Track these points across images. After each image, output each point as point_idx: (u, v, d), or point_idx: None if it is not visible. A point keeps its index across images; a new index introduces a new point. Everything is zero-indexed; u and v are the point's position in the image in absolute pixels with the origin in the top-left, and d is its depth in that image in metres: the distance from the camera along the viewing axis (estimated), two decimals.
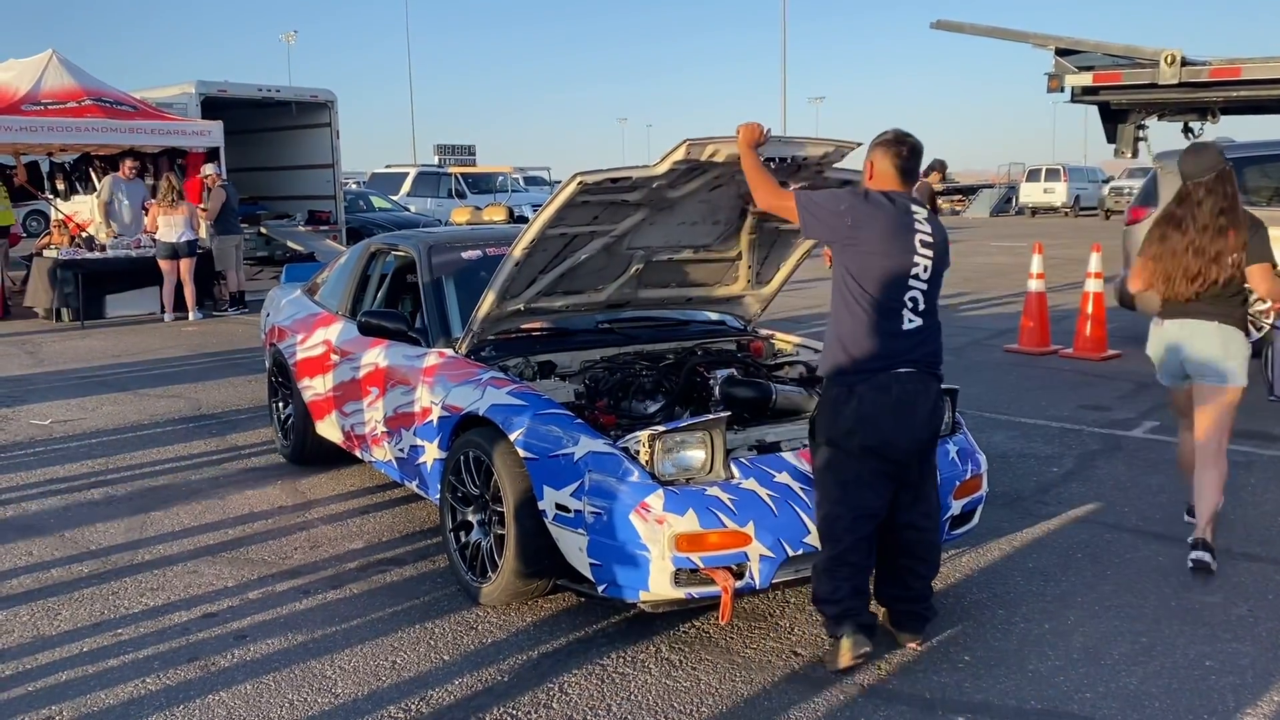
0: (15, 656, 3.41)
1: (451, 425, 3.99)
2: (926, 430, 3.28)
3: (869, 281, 3.17)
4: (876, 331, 3.16)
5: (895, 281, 3.18)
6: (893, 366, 3.18)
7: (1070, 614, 3.68)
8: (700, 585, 3.23)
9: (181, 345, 10.02)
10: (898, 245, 3.18)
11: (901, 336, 3.19)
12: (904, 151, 3.29)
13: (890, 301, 3.18)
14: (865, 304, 3.17)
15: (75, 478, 5.53)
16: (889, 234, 3.17)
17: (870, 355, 3.16)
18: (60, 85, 12.76)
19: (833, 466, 3.22)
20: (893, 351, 3.18)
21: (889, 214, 3.20)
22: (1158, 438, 6.10)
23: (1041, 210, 39.30)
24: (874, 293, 3.17)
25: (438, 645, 3.47)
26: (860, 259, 3.17)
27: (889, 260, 3.17)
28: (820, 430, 3.27)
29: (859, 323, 3.18)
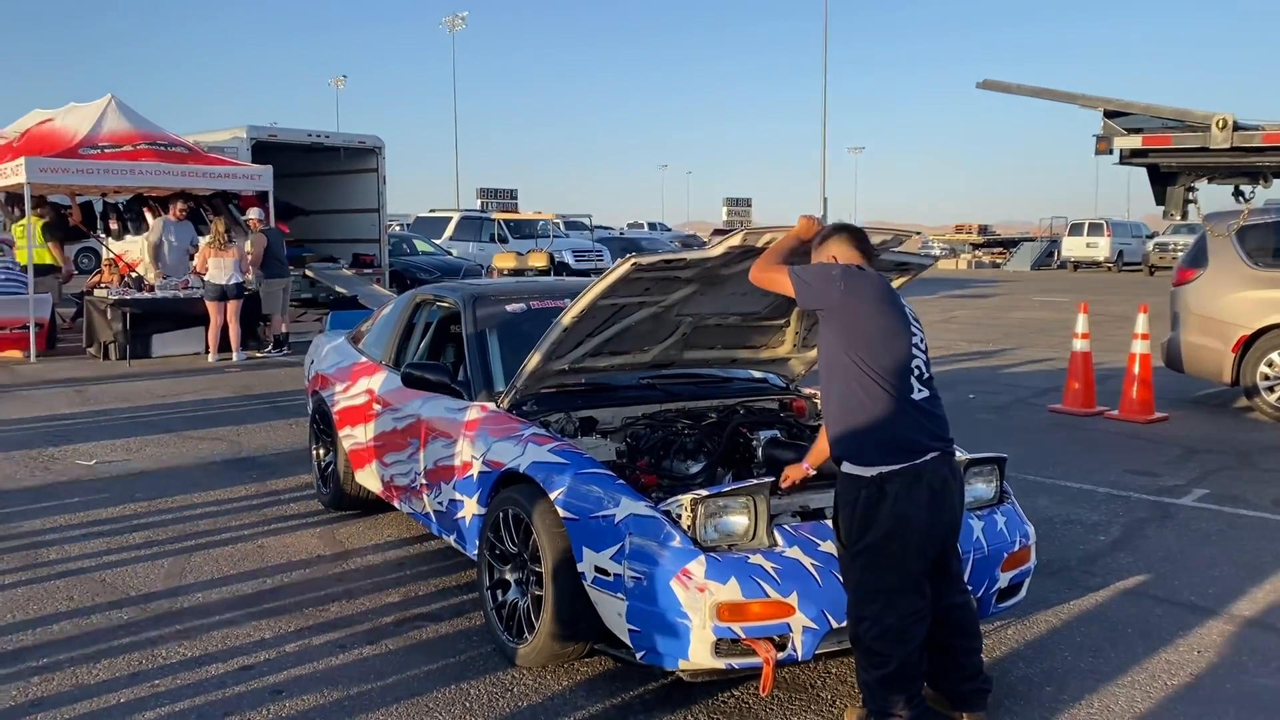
0: (54, 705, 3.42)
1: (492, 481, 3.98)
2: (958, 513, 3.18)
3: (873, 350, 3.03)
4: (891, 407, 3.01)
5: (899, 348, 3.06)
6: (917, 453, 3.02)
7: (1121, 693, 3.57)
8: (741, 656, 3.17)
9: (225, 387, 10.14)
10: (893, 311, 3.10)
11: (915, 409, 3.05)
12: (858, 235, 3.27)
13: (898, 370, 3.04)
14: (873, 376, 3.02)
15: (117, 519, 5.58)
16: (882, 299, 3.10)
17: (892, 440, 3.00)
18: (118, 129, 13.09)
19: (873, 575, 3.02)
20: (912, 432, 3.02)
21: (877, 281, 3.15)
22: (1209, 506, 5.96)
23: (1084, 264, 38.97)
24: (880, 362, 3.03)
25: (472, 708, 3.43)
26: (859, 326, 3.05)
27: (888, 326, 3.07)
28: (851, 537, 3.05)
29: (872, 398, 3.01)
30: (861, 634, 3.06)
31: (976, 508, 3.72)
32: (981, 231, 49.86)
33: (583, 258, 23.42)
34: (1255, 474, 6.79)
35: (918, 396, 3.07)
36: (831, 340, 3.11)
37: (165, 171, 12.84)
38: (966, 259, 45.49)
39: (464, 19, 60.24)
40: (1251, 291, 8.54)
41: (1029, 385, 10.52)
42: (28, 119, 14.39)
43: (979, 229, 50.13)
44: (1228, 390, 9.31)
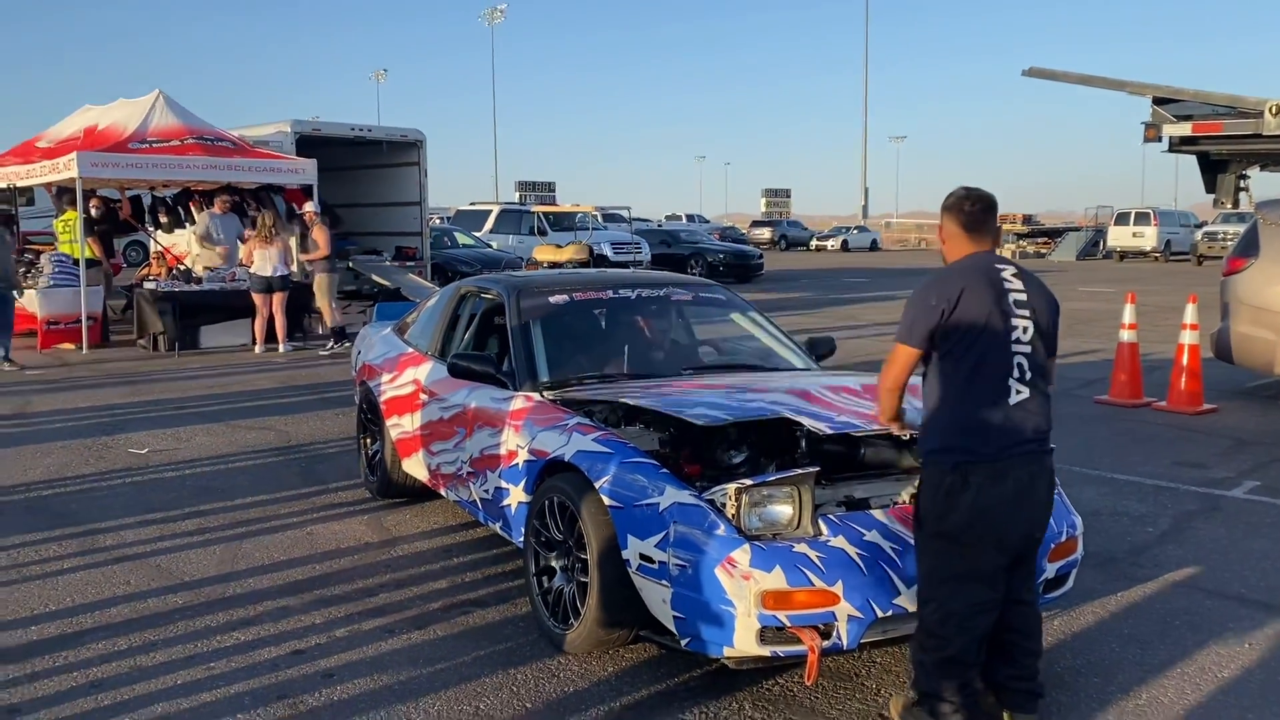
0: (113, 687, 3.51)
1: (537, 470, 4.03)
2: (1044, 513, 3.14)
3: (966, 353, 3.01)
4: (984, 408, 2.99)
5: (994, 349, 3.01)
6: (1006, 451, 2.99)
7: (1170, 684, 3.54)
8: (786, 644, 3.19)
9: (271, 378, 10.29)
10: (993, 308, 3.03)
11: (1011, 411, 3.01)
12: (967, 207, 3.17)
13: (993, 373, 3.01)
14: (966, 378, 3.01)
15: (169, 507, 5.70)
16: (982, 297, 3.03)
17: (982, 437, 2.99)
18: (166, 124, 13.31)
19: (945, 561, 3.04)
20: (1004, 431, 2.99)
21: (976, 279, 3.07)
22: (1260, 499, 5.88)
23: (1130, 254, 38.37)
24: (974, 364, 3.01)
25: (520, 692, 3.48)
26: (955, 331, 3.01)
27: (988, 325, 3.00)
28: (930, 522, 3.06)
29: (964, 399, 3.01)
30: (925, 616, 3.08)
31: None
32: (1026, 221, 49.25)
33: (621, 250, 23.44)
34: None
35: (1016, 399, 3.02)
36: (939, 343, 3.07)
37: (212, 165, 13.06)
38: (1011, 249, 44.94)
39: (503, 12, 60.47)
40: None
41: (1074, 377, 10.39)
42: (78, 115, 14.67)
43: (1023, 219, 49.52)
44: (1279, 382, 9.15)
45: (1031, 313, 3.09)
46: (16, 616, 4.13)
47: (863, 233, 54.56)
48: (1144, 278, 26.07)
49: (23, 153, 14.38)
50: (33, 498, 5.89)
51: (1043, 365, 3.10)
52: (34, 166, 13.19)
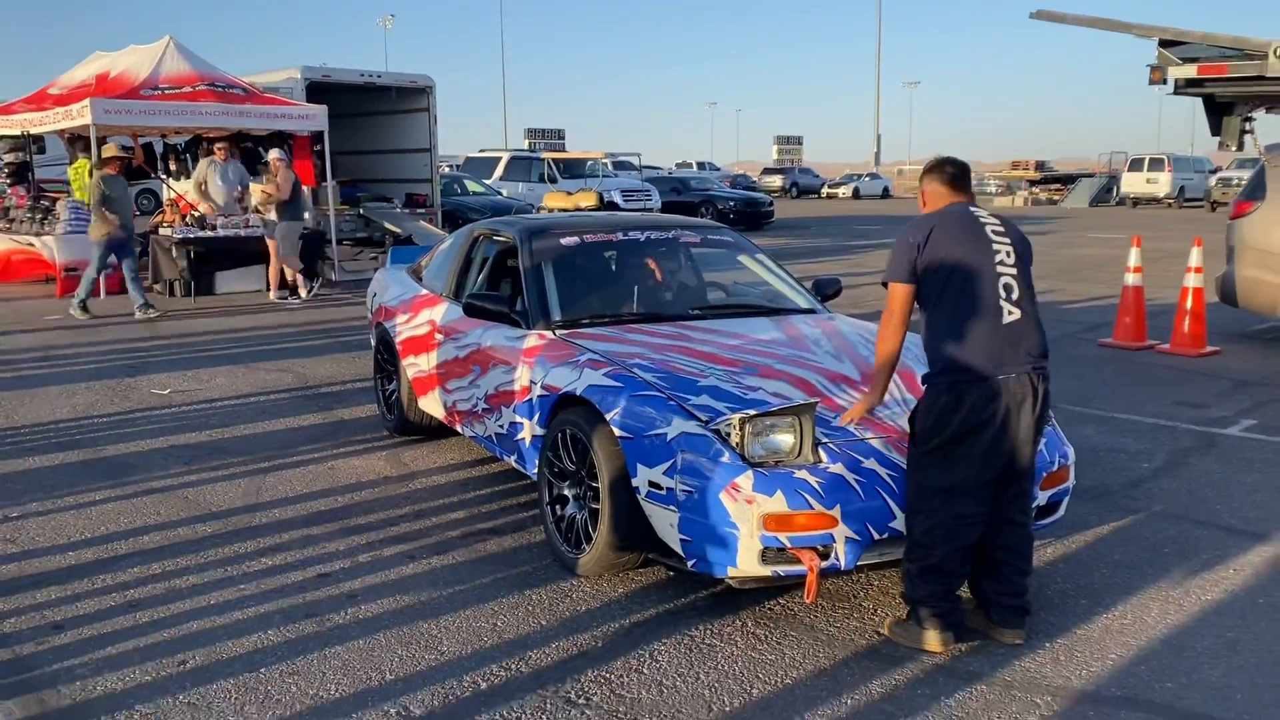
0: (150, 606, 3.71)
1: (550, 404, 4.18)
2: (1033, 433, 3.30)
3: (957, 278, 3.25)
4: (978, 328, 3.21)
5: (983, 271, 3.26)
6: (1000, 371, 3.20)
7: (1155, 606, 3.71)
8: (787, 564, 3.36)
9: (287, 322, 10.46)
10: (971, 238, 3.30)
11: (1004, 331, 3.22)
12: (948, 169, 3.51)
13: (984, 293, 3.24)
14: (960, 301, 3.24)
15: (194, 444, 5.89)
16: (958, 231, 3.32)
17: (976, 356, 3.20)
18: (177, 71, 13.33)
19: (934, 473, 3.25)
20: (998, 351, 3.20)
21: (951, 216, 3.38)
22: (1255, 437, 6.01)
23: (1143, 201, 38.13)
24: (965, 287, 3.24)
25: (536, 611, 3.67)
26: (942, 266, 3.26)
27: (968, 253, 3.28)
28: (923, 435, 3.28)
29: (959, 320, 3.23)
30: (914, 527, 3.29)
31: None
32: (1039, 168, 48.82)
33: (631, 197, 23.44)
34: None
35: (1009, 319, 3.25)
36: (924, 276, 3.32)
37: (224, 112, 13.09)
38: (1023, 196, 44.66)
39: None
40: None
41: (1081, 320, 10.50)
42: (90, 62, 14.70)
43: (1036, 165, 49.09)
44: None
45: (1010, 241, 3.34)
46: (55, 543, 4.33)
47: (874, 180, 54.21)
48: (1156, 224, 25.95)
49: (36, 100, 14.43)
50: (62, 435, 6.09)
51: (1030, 288, 3.32)
52: (47, 114, 13.25)
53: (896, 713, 2.99)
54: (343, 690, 3.12)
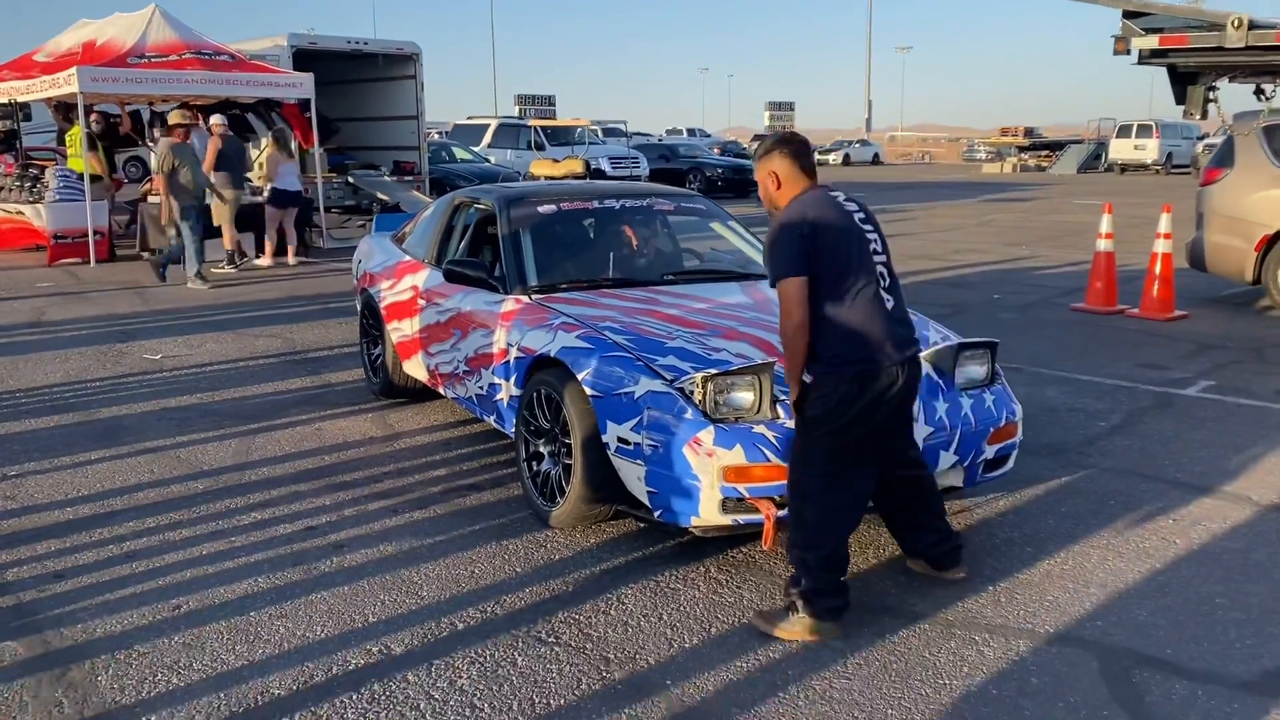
0: (146, 556, 3.91)
1: (526, 366, 4.37)
2: (913, 404, 3.48)
3: (843, 267, 3.24)
4: (868, 316, 3.24)
5: (863, 261, 3.28)
6: (890, 357, 3.26)
7: (1094, 553, 3.94)
8: (746, 513, 3.57)
9: (276, 290, 10.62)
10: (847, 226, 3.30)
11: (888, 318, 3.29)
12: (790, 149, 3.40)
13: (866, 282, 3.26)
14: (849, 290, 3.24)
15: (185, 407, 6.07)
16: (834, 220, 3.27)
17: (871, 343, 3.24)
18: (163, 39, 13.37)
19: (831, 459, 3.28)
20: (886, 337, 3.26)
21: (824, 205, 3.30)
22: (1211, 397, 6.24)
23: (1131, 168, 38.29)
24: (851, 276, 3.24)
25: (511, 560, 3.88)
26: (825, 257, 3.22)
27: (848, 243, 3.27)
28: (820, 424, 3.27)
29: (852, 309, 3.23)
30: (805, 514, 3.32)
31: (969, 387, 4.05)
32: (1027, 134, 48.95)
33: (619, 164, 23.52)
34: (1264, 367, 7.02)
35: (888, 305, 3.31)
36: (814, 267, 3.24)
37: (210, 80, 13.16)
38: (1012, 162, 44.81)
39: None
40: (1277, 190, 8.62)
41: (1055, 285, 10.71)
42: (75, 29, 14.71)
43: (1025, 132, 49.20)
44: (1253, 290, 9.45)
45: (876, 229, 3.41)
46: (52, 500, 4.53)
47: (865, 146, 54.28)
48: (1140, 190, 26.14)
49: (21, 67, 14.46)
50: (56, 398, 6.27)
51: (895, 274, 3.41)
52: (34, 81, 13.30)
53: (845, 649, 3.22)
54: (328, 631, 3.33)
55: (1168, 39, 7.53)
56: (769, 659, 3.16)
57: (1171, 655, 3.17)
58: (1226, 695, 2.95)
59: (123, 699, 2.93)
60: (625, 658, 3.17)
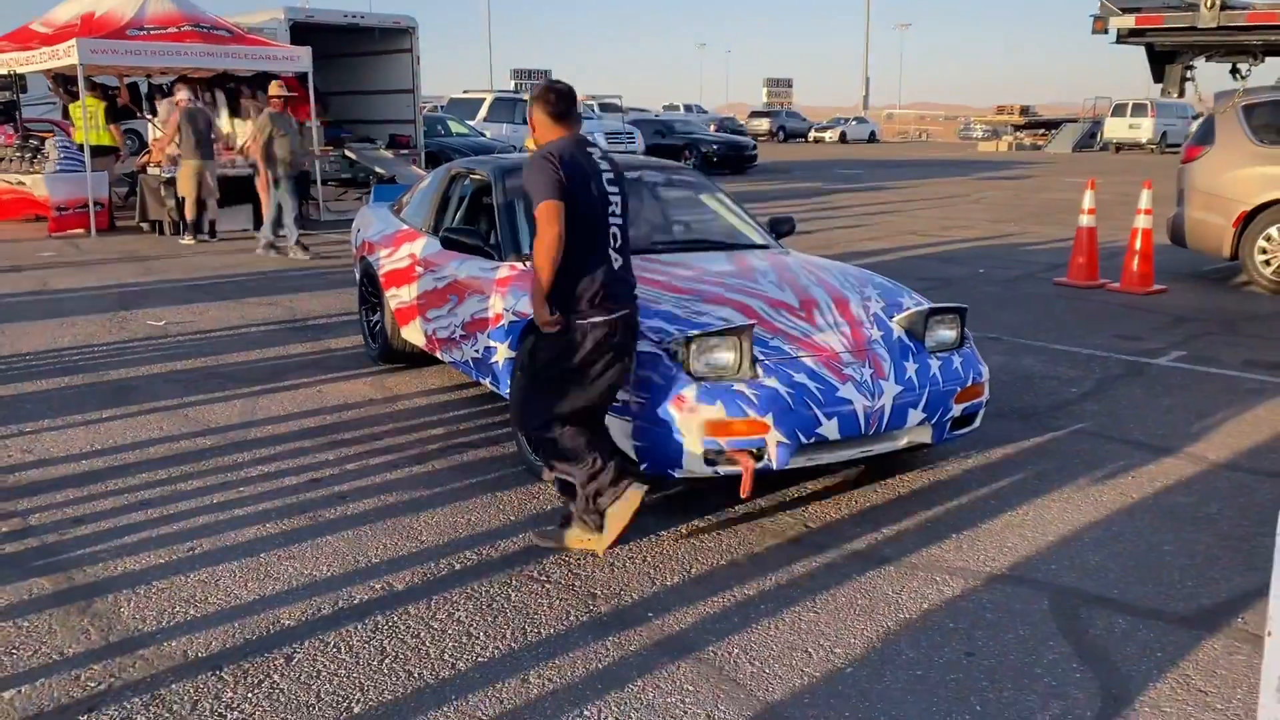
0: (159, 505, 4.14)
1: (520, 328, 4.58)
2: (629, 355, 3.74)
3: (582, 220, 3.48)
4: (599, 269, 3.53)
5: (601, 219, 3.56)
6: (613, 310, 3.57)
7: (1055, 506, 4.18)
8: (726, 465, 3.81)
9: (275, 260, 10.79)
10: (593, 182, 3.55)
11: (614, 275, 3.60)
12: (551, 98, 3.63)
13: (601, 238, 3.56)
14: (584, 242, 3.50)
15: (191, 370, 6.29)
16: (582, 173, 3.51)
17: (598, 296, 3.52)
18: (162, 11, 13.49)
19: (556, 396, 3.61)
20: (612, 292, 3.57)
21: (576, 158, 3.52)
22: (1181, 366, 6.48)
23: (1126, 146, 38.42)
24: (588, 230, 3.51)
25: (505, 509, 4.12)
26: (572, 199, 3.43)
27: (591, 197, 3.52)
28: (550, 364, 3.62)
29: (586, 261, 3.51)
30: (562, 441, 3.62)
31: (938, 350, 4.28)
32: (1023, 112, 49.01)
33: (615, 139, 23.64)
34: (1235, 339, 7.26)
35: (616, 264, 3.62)
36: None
37: (209, 53, 13.29)
38: (1008, 141, 44.92)
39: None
40: (1255, 168, 8.83)
41: (1040, 261, 10.93)
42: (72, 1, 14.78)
43: (1020, 110, 49.26)
44: (1231, 266, 9.68)
45: (619, 190, 3.67)
46: (68, 453, 4.75)
47: (861, 124, 54.26)
48: (1133, 169, 26.30)
49: (20, 39, 14.55)
50: (66, 361, 6.48)
51: (628, 235, 3.71)
52: (33, 53, 13.41)
53: (815, 587, 3.46)
54: (333, 570, 3.57)
55: (1144, 18, 7.71)
56: (744, 596, 3.40)
57: (1118, 595, 3.42)
58: (1164, 629, 3.20)
59: (144, 627, 3.16)
60: (611, 594, 3.41)
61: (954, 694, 2.84)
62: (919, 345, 4.25)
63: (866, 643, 3.10)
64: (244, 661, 2.98)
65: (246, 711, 2.73)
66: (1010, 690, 2.86)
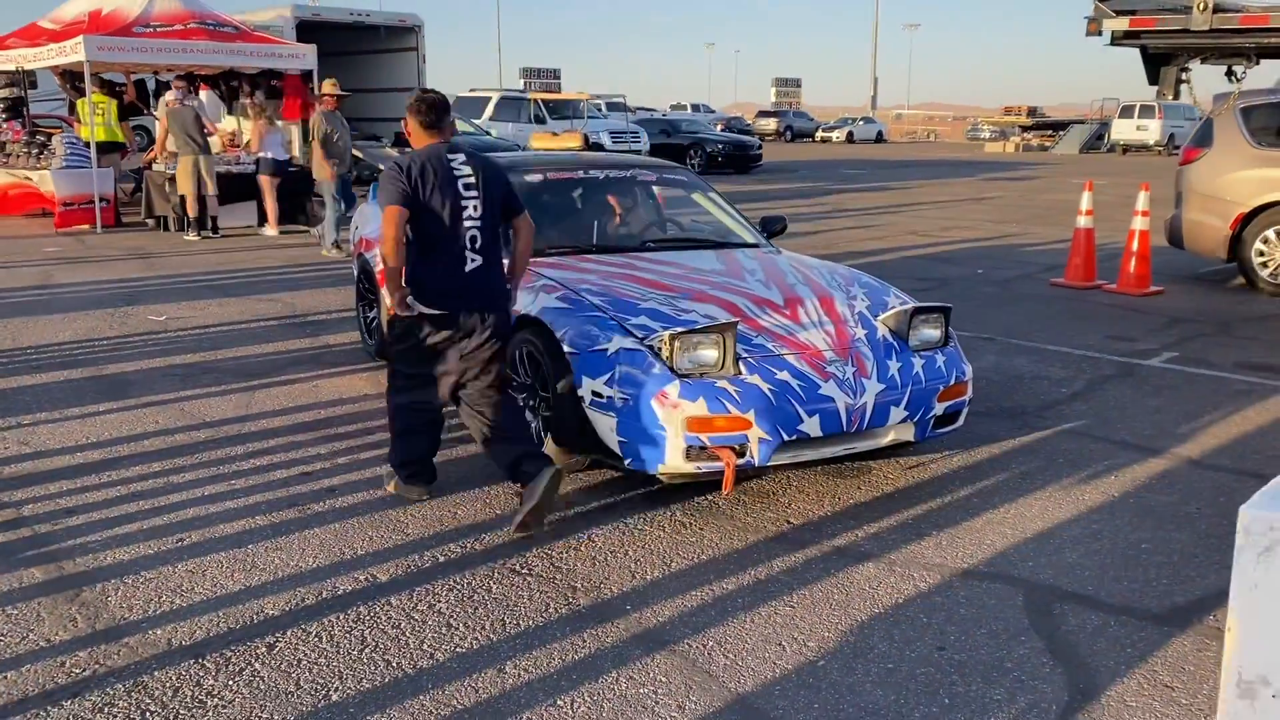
0: (151, 496, 4.20)
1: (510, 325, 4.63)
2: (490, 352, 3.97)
3: (431, 221, 3.79)
4: (445, 269, 3.84)
5: (453, 221, 3.82)
6: (460, 308, 3.86)
7: (1037, 505, 4.22)
8: (708, 461, 3.85)
9: (276, 257, 10.87)
10: (447, 186, 3.80)
11: (466, 276, 3.88)
12: (422, 109, 3.92)
13: (452, 240, 3.83)
14: (433, 243, 3.81)
15: (189, 365, 6.35)
16: (436, 178, 3.79)
17: (441, 293, 3.84)
18: (168, 8, 13.57)
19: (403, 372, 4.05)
20: (459, 291, 3.86)
21: (431, 162, 3.82)
22: (1172, 367, 6.50)
23: (1133, 148, 38.33)
24: (439, 232, 3.81)
25: (492, 503, 4.17)
26: (422, 204, 3.76)
27: (442, 201, 3.79)
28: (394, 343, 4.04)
29: (433, 259, 3.83)
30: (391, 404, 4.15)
31: (923, 349, 4.33)
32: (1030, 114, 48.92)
33: (619, 138, 23.68)
34: (1228, 340, 7.28)
35: (470, 266, 3.87)
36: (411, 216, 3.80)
37: (215, 50, 13.37)
38: (1015, 142, 44.86)
39: None
40: (1253, 170, 8.85)
41: (1039, 262, 10.95)
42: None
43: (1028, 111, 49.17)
44: (1230, 268, 9.68)
45: (480, 193, 3.88)
46: (63, 446, 4.81)
47: (868, 124, 54.25)
48: (1140, 171, 26.23)
49: (28, 35, 14.64)
50: (66, 355, 6.55)
51: (494, 237, 3.95)
52: (41, 50, 13.50)
53: (793, 583, 3.50)
54: (319, 562, 3.62)
55: (1137, 20, 7.73)
56: (722, 591, 3.44)
57: (1092, 591, 3.46)
58: (1135, 625, 3.24)
59: (130, 615, 3.22)
60: (591, 587, 3.45)
61: (923, 687, 2.88)
62: (903, 344, 4.29)
63: (840, 636, 3.15)
64: (226, 650, 3.03)
65: (226, 698, 2.79)
66: (979, 684, 2.90)
